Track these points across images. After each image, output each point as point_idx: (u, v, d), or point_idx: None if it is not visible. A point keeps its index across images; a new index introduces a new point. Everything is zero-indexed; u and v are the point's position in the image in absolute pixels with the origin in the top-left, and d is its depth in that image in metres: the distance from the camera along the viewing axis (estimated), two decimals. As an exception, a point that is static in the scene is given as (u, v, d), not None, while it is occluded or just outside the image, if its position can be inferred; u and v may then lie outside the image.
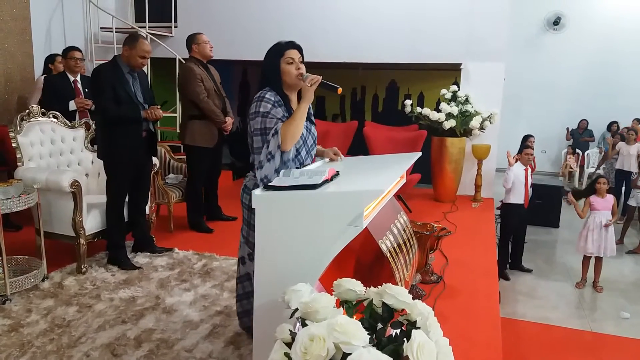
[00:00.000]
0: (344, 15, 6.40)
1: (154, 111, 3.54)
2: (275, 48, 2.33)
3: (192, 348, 2.58)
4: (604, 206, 5.08)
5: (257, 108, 2.24)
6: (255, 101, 2.28)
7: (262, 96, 2.27)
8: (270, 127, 2.20)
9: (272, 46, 2.36)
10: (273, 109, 2.24)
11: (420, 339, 1.27)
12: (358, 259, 2.34)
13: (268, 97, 2.27)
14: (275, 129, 2.19)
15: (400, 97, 8.62)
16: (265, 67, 2.35)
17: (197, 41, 4.35)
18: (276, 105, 2.27)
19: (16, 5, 5.52)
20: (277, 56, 2.31)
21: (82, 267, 3.49)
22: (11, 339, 2.61)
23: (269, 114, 2.22)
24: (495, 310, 3.21)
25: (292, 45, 2.33)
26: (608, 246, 5.07)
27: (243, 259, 2.52)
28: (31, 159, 3.65)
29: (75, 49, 4.68)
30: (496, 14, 6.00)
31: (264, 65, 2.36)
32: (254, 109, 2.25)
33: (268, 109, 2.23)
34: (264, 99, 2.26)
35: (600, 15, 10.19)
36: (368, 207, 1.78)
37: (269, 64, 2.33)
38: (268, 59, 2.35)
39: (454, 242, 4.23)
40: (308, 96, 2.26)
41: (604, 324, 4.38)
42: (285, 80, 2.32)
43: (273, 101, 2.26)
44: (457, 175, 6.04)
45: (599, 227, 5.05)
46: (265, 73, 2.34)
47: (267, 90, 2.30)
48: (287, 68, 2.30)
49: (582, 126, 10.32)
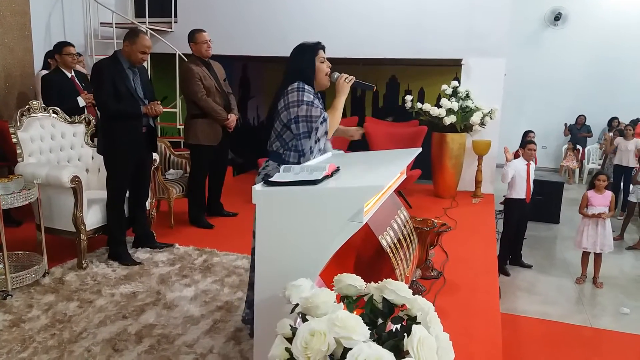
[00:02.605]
0: (344, 11, 6.38)
1: (154, 107, 3.54)
2: (310, 46, 2.47)
3: (193, 343, 2.59)
4: (600, 202, 5.06)
5: (301, 97, 2.35)
6: (295, 91, 2.37)
7: (302, 87, 2.38)
8: (317, 115, 2.32)
9: (303, 45, 2.49)
10: (315, 99, 2.39)
11: (420, 334, 1.27)
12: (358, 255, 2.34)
13: (308, 88, 2.40)
14: (324, 116, 2.33)
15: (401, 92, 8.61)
16: (300, 63, 2.45)
17: (195, 40, 4.35)
18: (315, 97, 2.41)
19: (16, 0, 5.50)
20: (313, 54, 2.45)
21: (83, 262, 3.50)
22: (12, 334, 2.62)
23: (313, 102, 2.35)
24: (495, 305, 3.21)
25: (322, 46, 2.50)
26: (605, 242, 5.06)
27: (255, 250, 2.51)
28: (31, 154, 3.65)
29: (69, 45, 4.62)
30: (497, 9, 5.98)
31: (299, 62, 2.46)
32: (297, 97, 2.35)
33: (311, 98, 2.37)
34: (305, 89, 2.38)
35: (601, 11, 10.16)
36: (368, 202, 1.78)
37: (306, 60, 2.45)
38: (304, 56, 2.46)
39: (454, 238, 4.24)
40: (345, 91, 2.47)
41: (604, 320, 4.39)
42: (317, 77, 2.46)
43: (313, 93, 2.42)
44: (458, 171, 6.04)
45: (595, 223, 5.05)
46: (301, 69, 2.44)
47: (302, 83, 2.39)
48: (322, 66, 2.47)
49: (580, 122, 10.31)
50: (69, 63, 4.60)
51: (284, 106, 2.38)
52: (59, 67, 4.63)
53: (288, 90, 2.38)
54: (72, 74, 4.68)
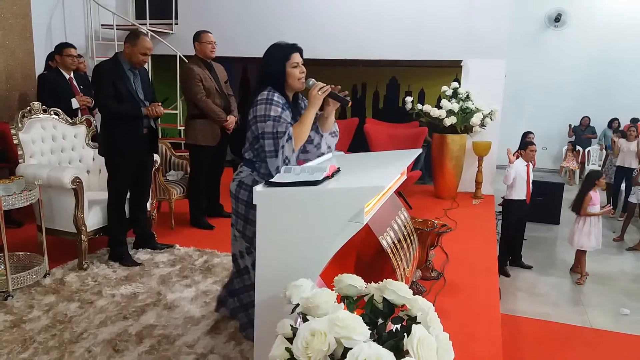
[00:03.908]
0: (344, 12, 6.39)
1: (155, 108, 3.54)
2: (281, 50, 2.34)
3: (194, 344, 2.59)
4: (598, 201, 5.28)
5: (268, 112, 2.24)
6: (263, 103, 2.26)
7: (271, 99, 2.26)
8: (282, 130, 2.21)
9: (275, 47, 2.36)
10: (283, 113, 2.26)
11: (420, 333, 1.27)
12: (359, 255, 2.35)
13: (277, 99, 2.27)
14: (289, 134, 2.21)
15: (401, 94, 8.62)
16: (269, 68, 2.34)
17: (200, 40, 4.36)
18: (284, 107, 2.28)
19: (17, 2, 5.51)
20: (283, 59, 2.33)
21: (84, 263, 3.50)
22: (13, 335, 2.63)
23: (280, 117, 2.23)
24: (496, 306, 3.22)
25: (296, 49, 2.36)
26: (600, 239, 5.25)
27: (241, 254, 2.55)
28: (32, 155, 3.66)
29: (70, 46, 4.63)
30: (497, 10, 5.99)
31: (268, 66, 2.35)
32: (265, 112, 2.24)
33: (279, 112, 2.24)
34: (273, 101, 2.26)
35: (602, 12, 10.17)
36: (369, 203, 1.79)
37: (276, 66, 2.33)
38: (273, 61, 2.34)
39: (455, 239, 4.24)
40: (316, 104, 2.29)
41: (604, 321, 4.39)
42: (289, 82, 2.35)
43: (282, 104, 2.28)
44: (458, 172, 6.04)
45: (597, 220, 5.21)
46: (270, 74, 2.34)
47: (272, 90, 2.29)
48: (293, 72, 2.33)
49: (585, 123, 10.32)
50: (68, 64, 4.61)
51: (253, 118, 2.29)
52: (58, 67, 4.64)
53: (257, 100, 2.28)
54: (71, 76, 4.69)
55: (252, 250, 2.39)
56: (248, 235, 2.42)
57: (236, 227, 2.52)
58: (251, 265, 2.46)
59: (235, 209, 2.49)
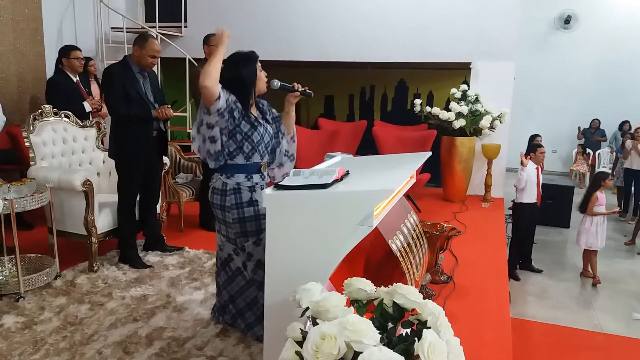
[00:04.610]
0: (353, 15, 6.39)
1: (165, 110, 3.56)
2: (250, 57, 2.54)
3: (203, 346, 2.60)
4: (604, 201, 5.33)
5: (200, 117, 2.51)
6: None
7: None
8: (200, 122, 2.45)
9: (244, 55, 2.54)
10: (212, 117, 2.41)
11: (431, 338, 1.27)
12: (368, 259, 2.35)
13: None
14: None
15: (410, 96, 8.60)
16: (245, 73, 2.50)
17: (210, 43, 4.37)
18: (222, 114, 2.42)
19: (28, 5, 5.57)
20: (255, 64, 2.53)
21: (94, 265, 3.53)
22: (25, 336, 2.65)
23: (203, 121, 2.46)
24: (506, 310, 3.20)
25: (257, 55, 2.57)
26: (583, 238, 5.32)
27: (230, 257, 2.61)
28: (44, 158, 3.69)
29: (75, 49, 4.63)
30: (506, 12, 5.96)
31: (242, 72, 2.50)
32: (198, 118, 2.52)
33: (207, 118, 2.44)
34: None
35: (611, 14, 10.09)
36: (378, 206, 1.78)
37: (251, 71, 2.51)
38: (248, 67, 2.51)
39: (464, 242, 4.22)
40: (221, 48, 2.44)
41: (616, 325, 4.35)
42: (258, 85, 2.55)
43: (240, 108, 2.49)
44: (467, 175, 6.02)
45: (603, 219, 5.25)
46: (241, 78, 2.49)
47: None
48: (261, 75, 2.57)
49: (595, 125, 10.23)
50: (76, 67, 4.60)
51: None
52: (65, 70, 4.61)
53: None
54: (77, 79, 4.70)
55: (240, 251, 2.52)
56: (232, 238, 2.54)
57: (220, 232, 2.63)
58: (242, 265, 2.56)
59: (215, 215, 2.61)
